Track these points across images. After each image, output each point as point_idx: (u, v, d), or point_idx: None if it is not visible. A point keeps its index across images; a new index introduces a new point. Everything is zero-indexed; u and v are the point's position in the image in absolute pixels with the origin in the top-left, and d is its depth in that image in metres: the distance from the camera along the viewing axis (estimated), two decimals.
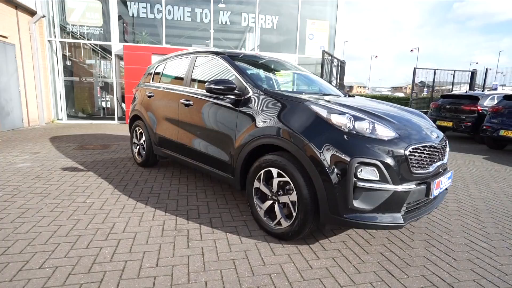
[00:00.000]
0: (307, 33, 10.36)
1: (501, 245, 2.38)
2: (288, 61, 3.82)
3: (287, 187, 2.22)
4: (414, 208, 2.11)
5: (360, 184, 1.88)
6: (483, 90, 12.10)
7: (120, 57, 9.59)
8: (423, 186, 2.04)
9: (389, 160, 1.91)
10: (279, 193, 2.25)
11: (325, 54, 8.24)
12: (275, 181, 2.25)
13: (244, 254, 2.09)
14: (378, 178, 1.89)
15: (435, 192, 2.11)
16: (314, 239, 2.32)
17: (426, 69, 11.07)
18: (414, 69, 11.07)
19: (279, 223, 2.26)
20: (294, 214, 2.13)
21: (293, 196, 2.13)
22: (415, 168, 2.01)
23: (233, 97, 2.67)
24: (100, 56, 9.96)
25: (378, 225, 1.93)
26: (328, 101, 2.34)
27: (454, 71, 11.41)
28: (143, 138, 4.11)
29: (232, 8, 9.81)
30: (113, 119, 9.58)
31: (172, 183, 3.59)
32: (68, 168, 4.05)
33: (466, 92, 9.32)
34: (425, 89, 12.84)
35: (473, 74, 11.59)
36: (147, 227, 2.43)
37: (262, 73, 3.15)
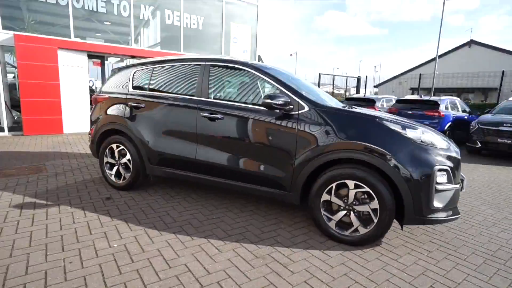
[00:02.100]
0: (231, 37, 10.48)
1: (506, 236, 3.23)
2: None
3: (363, 196, 2.40)
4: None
5: (437, 187, 2.26)
6: (364, 94, 15.04)
7: (7, 49, 7.38)
8: (460, 183, 2.59)
9: (453, 165, 2.36)
10: (354, 203, 2.41)
11: (260, 60, 8.58)
12: (352, 192, 2.40)
13: (346, 267, 2.16)
14: (447, 181, 2.32)
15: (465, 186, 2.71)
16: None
17: (329, 74, 12.97)
18: (319, 74, 12.82)
19: (356, 230, 2.43)
20: (375, 220, 2.34)
21: (374, 204, 2.33)
22: (460, 169, 2.54)
23: (279, 111, 2.64)
24: None
25: (446, 220, 2.37)
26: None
27: (347, 77, 13.82)
28: (128, 156, 3.44)
29: (155, 4, 8.97)
30: (1, 130, 7.32)
31: (184, 206, 3.18)
32: (26, 205, 3.01)
33: (364, 95, 11.45)
34: None
35: (359, 80, 14.32)
36: (225, 261, 2.16)
37: (299, 86, 3.11)
